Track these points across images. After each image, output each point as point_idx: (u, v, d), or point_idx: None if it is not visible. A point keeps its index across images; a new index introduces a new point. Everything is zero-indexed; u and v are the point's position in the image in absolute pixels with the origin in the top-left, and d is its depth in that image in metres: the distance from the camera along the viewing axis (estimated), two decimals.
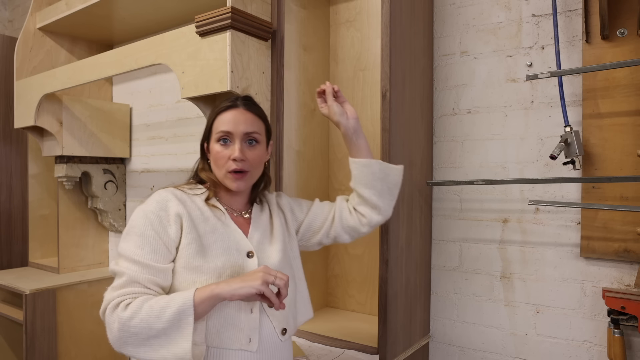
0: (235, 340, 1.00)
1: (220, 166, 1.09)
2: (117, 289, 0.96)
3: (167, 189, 1.08)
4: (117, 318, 0.90)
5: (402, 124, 1.49)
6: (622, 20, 1.36)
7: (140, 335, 0.90)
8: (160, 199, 1.04)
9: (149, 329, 0.89)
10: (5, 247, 2.85)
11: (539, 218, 1.53)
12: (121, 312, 0.91)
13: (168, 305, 0.90)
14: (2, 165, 2.82)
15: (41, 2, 2.37)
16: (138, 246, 0.98)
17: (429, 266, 1.74)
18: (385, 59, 1.41)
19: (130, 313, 0.90)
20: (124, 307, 0.91)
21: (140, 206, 1.05)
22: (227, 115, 1.09)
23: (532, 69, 1.54)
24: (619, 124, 1.37)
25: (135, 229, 1.00)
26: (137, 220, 1.01)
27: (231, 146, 1.08)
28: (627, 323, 1.32)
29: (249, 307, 1.03)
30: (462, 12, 1.68)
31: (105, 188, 2.52)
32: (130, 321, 0.89)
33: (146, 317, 0.89)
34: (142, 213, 1.02)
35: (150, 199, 1.05)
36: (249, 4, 1.55)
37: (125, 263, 0.98)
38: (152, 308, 0.90)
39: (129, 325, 0.89)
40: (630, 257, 1.36)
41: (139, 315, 0.89)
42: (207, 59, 1.55)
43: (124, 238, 1.01)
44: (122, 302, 0.93)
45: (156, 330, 0.89)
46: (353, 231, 1.24)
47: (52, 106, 2.26)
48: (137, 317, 0.89)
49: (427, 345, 1.72)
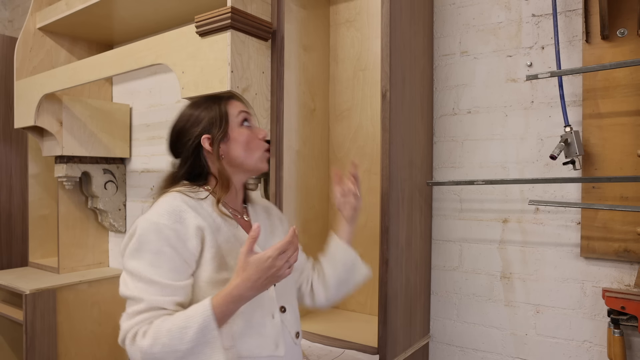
0: (264, 347, 0.99)
1: (254, 149, 1.06)
2: (133, 316, 0.88)
3: (173, 195, 0.99)
4: (139, 348, 0.85)
5: (402, 124, 1.49)
6: (622, 20, 1.36)
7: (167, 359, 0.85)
8: (173, 210, 0.94)
9: (174, 352, 0.84)
10: (5, 247, 2.85)
11: (539, 218, 1.53)
12: (141, 341, 0.85)
13: (188, 325, 0.84)
14: (2, 165, 2.82)
15: (41, 2, 2.37)
16: (153, 265, 0.90)
17: (429, 266, 1.74)
18: (385, 59, 1.41)
19: (150, 340, 0.84)
20: (142, 335, 0.86)
21: (147, 216, 0.94)
22: (235, 102, 1.09)
23: (532, 69, 1.54)
24: (619, 124, 1.37)
25: (149, 246, 0.91)
26: (148, 235, 0.91)
27: (253, 128, 1.08)
28: (627, 323, 1.32)
29: (270, 312, 1.02)
30: (462, 12, 1.68)
31: (105, 188, 2.52)
32: (152, 349, 0.84)
33: (168, 342, 0.84)
34: (153, 227, 0.92)
35: (159, 208, 0.95)
36: (249, 4, 1.55)
37: (141, 285, 0.89)
38: (171, 331, 0.84)
39: (152, 353, 0.84)
40: (630, 257, 1.36)
41: (160, 341, 0.84)
42: (207, 59, 1.55)
43: (133, 255, 0.91)
44: (140, 330, 0.87)
45: (182, 352, 0.84)
46: (302, 298, 1.24)
47: (52, 106, 2.26)
48: (159, 344, 0.84)
49: (427, 345, 1.72)
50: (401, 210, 1.49)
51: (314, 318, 1.79)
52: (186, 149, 1.05)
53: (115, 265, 2.68)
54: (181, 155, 1.07)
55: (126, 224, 2.62)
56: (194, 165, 1.06)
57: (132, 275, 0.90)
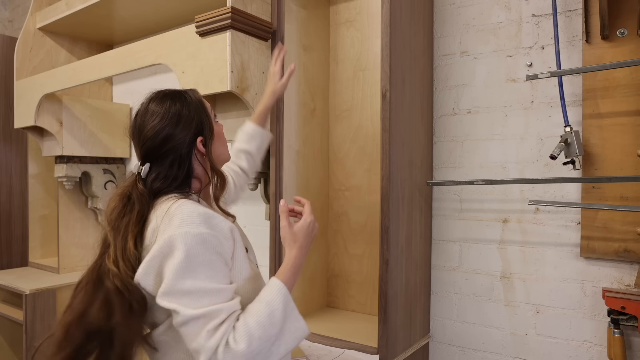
0: None
1: (225, 142, 1.09)
2: (216, 330, 0.83)
3: (190, 202, 0.93)
4: (237, 355, 0.82)
5: (402, 124, 1.49)
6: (622, 20, 1.36)
7: (265, 349, 0.86)
8: (205, 217, 0.90)
9: (269, 339, 0.86)
10: (5, 247, 2.85)
11: (539, 218, 1.53)
12: (236, 347, 0.82)
13: (273, 309, 0.87)
14: (2, 165, 2.82)
15: (41, 2, 2.37)
16: (209, 277, 0.86)
17: (429, 266, 1.74)
18: (385, 59, 1.41)
19: (246, 341, 0.83)
20: (233, 341, 0.83)
21: (183, 230, 0.86)
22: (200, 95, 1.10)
23: (532, 69, 1.54)
24: (619, 124, 1.37)
25: (199, 258, 0.86)
26: (195, 249, 0.86)
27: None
28: (627, 323, 1.32)
29: None
30: (462, 12, 1.68)
31: (105, 188, 2.52)
32: (250, 347, 0.83)
33: (263, 334, 0.84)
34: (198, 238, 0.86)
35: (191, 218, 0.88)
36: (249, 4, 1.55)
37: (208, 299, 0.85)
38: (260, 322, 0.85)
39: (252, 351, 0.83)
40: (630, 257, 1.36)
41: (256, 336, 0.83)
42: (207, 59, 1.55)
43: (186, 274, 0.84)
44: (229, 338, 0.83)
45: (275, 335, 0.87)
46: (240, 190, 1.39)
47: (52, 106, 2.26)
48: (255, 339, 0.83)
49: (427, 345, 1.72)
50: (401, 210, 1.49)
51: (314, 318, 1.79)
52: (177, 154, 0.98)
53: None
54: (165, 160, 0.98)
55: None
56: (187, 170, 0.99)
57: (192, 293, 0.84)
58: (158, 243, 0.87)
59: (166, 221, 0.89)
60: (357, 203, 1.89)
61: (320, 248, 1.93)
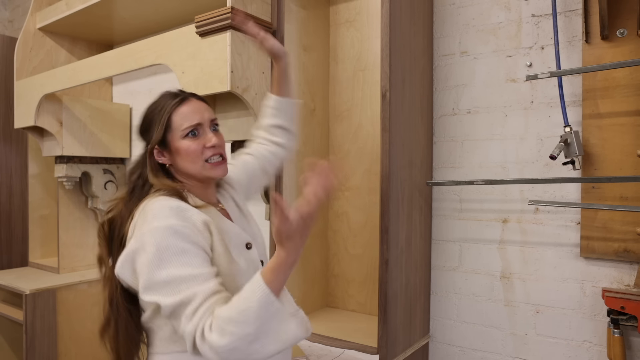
0: None
1: (196, 160, 1.01)
2: (193, 315, 0.84)
3: (162, 198, 0.96)
4: (210, 345, 0.81)
5: (402, 124, 1.49)
6: (622, 20, 1.36)
7: (242, 346, 0.82)
8: (176, 210, 0.93)
9: (245, 336, 0.82)
10: (5, 247, 2.85)
11: (539, 218, 1.54)
12: (210, 336, 0.82)
13: (247, 307, 0.82)
14: (2, 165, 2.82)
15: (41, 2, 2.37)
16: (184, 264, 0.87)
17: (429, 266, 1.74)
18: (385, 59, 1.41)
19: (217, 333, 0.81)
20: (208, 328, 0.83)
21: (152, 225, 0.90)
22: (185, 108, 1.02)
23: (532, 69, 1.54)
24: (619, 124, 1.37)
25: (170, 250, 0.88)
26: (166, 240, 0.89)
27: (202, 136, 1.03)
28: (627, 323, 1.32)
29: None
30: (462, 12, 1.68)
31: (105, 188, 2.52)
32: (221, 340, 0.81)
33: (235, 329, 0.81)
34: (167, 230, 0.89)
35: (161, 212, 0.92)
36: (249, 4, 1.55)
37: (184, 285, 0.86)
38: (233, 318, 0.82)
39: (224, 345, 0.81)
40: (630, 257, 1.36)
41: (228, 331, 0.81)
42: (207, 59, 1.55)
43: (159, 266, 0.87)
44: (205, 324, 0.83)
45: (252, 334, 0.82)
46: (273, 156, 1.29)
47: (52, 106, 2.26)
48: (227, 333, 0.81)
49: (427, 345, 1.72)
50: (401, 210, 1.49)
51: (314, 318, 1.79)
52: (146, 154, 1.05)
53: None
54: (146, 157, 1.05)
55: None
56: (145, 168, 1.04)
57: (169, 283, 0.86)
58: (132, 240, 0.93)
59: (142, 218, 0.94)
60: (357, 203, 1.89)
61: (320, 248, 1.93)
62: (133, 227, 0.96)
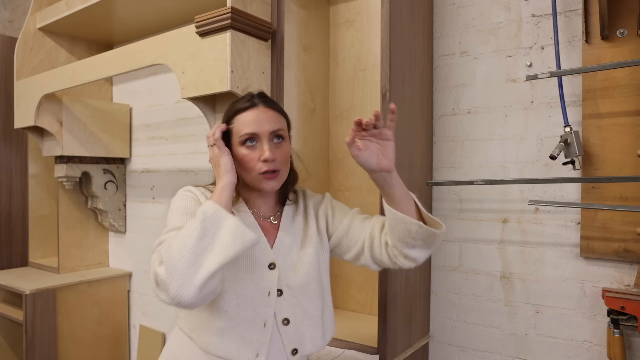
0: (242, 353, 0.97)
1: (249, 169, 1.01)
2: (158, 244, 0.93)
3: (192, 187, 1.06)
4: (154, 274, 0.86)
5: (402, 124, 1.49)
6: (622, 20, 1.36)
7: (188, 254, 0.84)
8: (190, 191, 1.04)
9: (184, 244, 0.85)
10: (5, 247, 2.85)
11: (539, 218, 1.54)
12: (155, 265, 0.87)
13: (190, 223, 0.89)
14: (2, 165, 2.82)
15: (41, 2, 2.37)
16: (178, 215, 0.99)
17: (429, 266, 1.74)
18: (385, 59, 1.41)
19: (165, 246, 0.88)
20: (156, 259, 0.87)
21: (172, 200, 1.04)
22: (248, 115, 1.02)
23: (532, 69, 1.54)
24: (619, 124, 1.37)
25: (175, 209, 1.00)
26: (174, 203, 1.02)
27: (258, 147, 1.01)
28: (627, 323, 1.32)
29: (262, 320, 1.00)
30: (462, 12, 1.68)
31: (105, 188, 2.52)
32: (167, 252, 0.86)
33: (178, 241, 0.86)
34: (179, 200, 1.02)
35: (177, 194, 1.05)
36: (249, 4, 1.55)
37: (168, 232, 0.95)
38: (179, 234, 0.88)
39: (168, 255, 0.85)
40: (630, 257, 1.36)
41: (174, 243, 0.86)
42: (207, 59, 1.55)
43: (168, 218, 1.01)
44: (156, 257, 0.88)
45: (194, 238, 0.85)
46: (382, 264, 1.08)
47: (52, 106, 2.26)
48: (174, 246, 0.86)
49: (427, 345, 1.72)
50: None
51: None
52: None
53: (115, 265, 2.68)
54: None
55: (126, 224, 2.62)
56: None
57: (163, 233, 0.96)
58: None
59: None
60: (357, 203, 1.88)
61: None
62: None
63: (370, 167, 0.95)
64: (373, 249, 1.06)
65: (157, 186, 2.44)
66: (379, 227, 1.07)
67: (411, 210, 0.98)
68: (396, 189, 0.97)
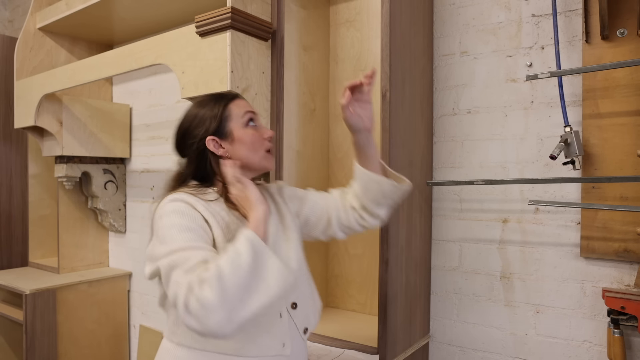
0: (271, 347, 0.99)
1: (258, 148, 1.04)
2: (187, 273, 0.83)
3: (179, 194, 0.98)
4: (197, 300, 0.79)
5: (402, 124, 1.49)
6: (622, 20, 1.36)
7: (231, 298, 0.81)
8: (182, 199, 0.96)
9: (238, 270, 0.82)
10: (5, 247, 2.85)
11: (539, 218, 1.53)
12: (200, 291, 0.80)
13: (237, 247, 0.84)
14: (2, 165, 2.82)
15: (41, 2, 2.37)
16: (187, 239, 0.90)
17: (429, 266, 1.74)
18: (385, 59, 1.41)
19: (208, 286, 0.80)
20: (198, 284, 0.81)
21: (160, 212, 0.95)
22: (240, 102, 1.07)
23: (532, 69, 1.54)
24: (619, 124, 1.37)
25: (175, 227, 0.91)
26: (169, 218, 0.92)
27: (259, 127, 1.07)
28: (627, 323, 1.32)
29: (278, 312, 1.02)
30: (462, 12, 1.68)
31: (105, 188, 2.52)
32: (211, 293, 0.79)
33: (228, 278, 0.81)
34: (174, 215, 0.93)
35: (167, 200, 0.96)
36: (249, 4, 1.55)
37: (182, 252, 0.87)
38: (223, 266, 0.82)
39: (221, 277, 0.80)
40: (630, 257, 1.36)
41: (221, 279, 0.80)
42: (207, 59, 1.55)
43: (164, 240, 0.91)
44: (196, 280, 0.81)
45: (246, 268, 0.83)
46: (349, 230, 1.18)
47: (52, 106, 2.26)
48: (227, 275, 0.80)
49: (427, 345, 1.72)
50: (401, 210, 1.49)
51: None
52: (192, 150, 1.04)
53: (115, 265, 2.68)
54: (186, 155, 1.06)
55: (126, 224, 2.62)
56: (199, 166, 1.04)
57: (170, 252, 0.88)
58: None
59: (158, 213, 0.98)
60: None
61: (320, 248, 1.93)
62: (151, 223, 1.00)
63: (359, 128, 1.08)
64: (340, 217, 1.16)
65: (157, 186, 2.44)
66: (339, 195, 1.19)
67: (379, 170, 1.12)
68: (372, 148, 1.11)
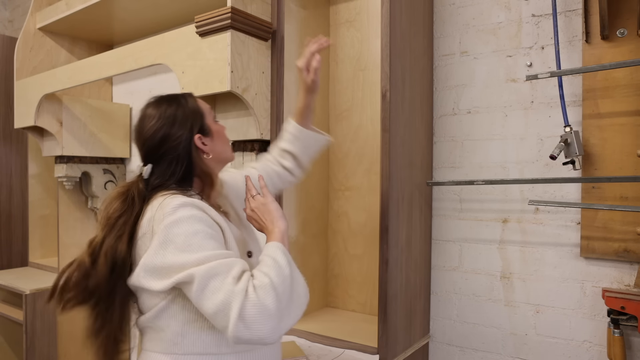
0: None
1: (226, 142, 1.11)
2: (238, 279, 0.84)
3: (184, 198, 0.94)
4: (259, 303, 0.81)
5: (402, 124, 1.49)
6: (622, 20, 1.36)
7: (286, 298, 0.86)
8: (191, 202, 0.92)
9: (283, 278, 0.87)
10: (5, 247, 2.85)
11: (539, 218, 1.54)
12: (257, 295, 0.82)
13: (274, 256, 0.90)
14: (2, 165, 2.82)
15: (41, 2, 2.37)
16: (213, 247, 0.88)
17: (429, 266, 1.74)
18: (385, 59, 1.41)
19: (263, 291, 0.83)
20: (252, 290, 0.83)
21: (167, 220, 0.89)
22: (198, 99, 1.10)
23: (532, 69, 1.54)
24: (619, 124, 1.37)
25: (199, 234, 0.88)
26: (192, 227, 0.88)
27: (219, 122, 1.12)
28: (627, 323, 1.32)
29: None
30: (462, 12, 1.68)
31: (105, 188, 2.52)
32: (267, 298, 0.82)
33: (279, 288, 0.85)
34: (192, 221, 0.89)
35: (175, 204, 0.91)
36: (249, 4, 1.55)
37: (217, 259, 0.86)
38: (272, 277, 0.85)
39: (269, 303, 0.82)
40: (630, 257, 1.36)
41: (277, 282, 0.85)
42: (207, 59, 1.55)
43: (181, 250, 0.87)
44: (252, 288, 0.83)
45: (288, 275, 0.88)
46: (283, 185, 1.34)
47: (52, 106, 2.26)
48: (278, 284, 0.85)
49: (427, 345, 1.72)
50: (401, 210, 1.49)
51: (314, 318, 1.79)
52: (174, 152, 0.99)
53: None
54: (164, 159, 1.00)
55: None
56: (186, 168, 1.00)
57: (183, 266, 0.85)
58: (155, 236, 0.90)
59: (160, 211, 0.91)
60: (357, 203, 1.89)
61: (320, 248, 1.93)
62: (149, 220, 0.93)
63: (314, 88, 1.27)
64: (274, 184, 1.29)
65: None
66: (272, 159, 1.32)
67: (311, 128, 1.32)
68: (313, 106, 1.31)
